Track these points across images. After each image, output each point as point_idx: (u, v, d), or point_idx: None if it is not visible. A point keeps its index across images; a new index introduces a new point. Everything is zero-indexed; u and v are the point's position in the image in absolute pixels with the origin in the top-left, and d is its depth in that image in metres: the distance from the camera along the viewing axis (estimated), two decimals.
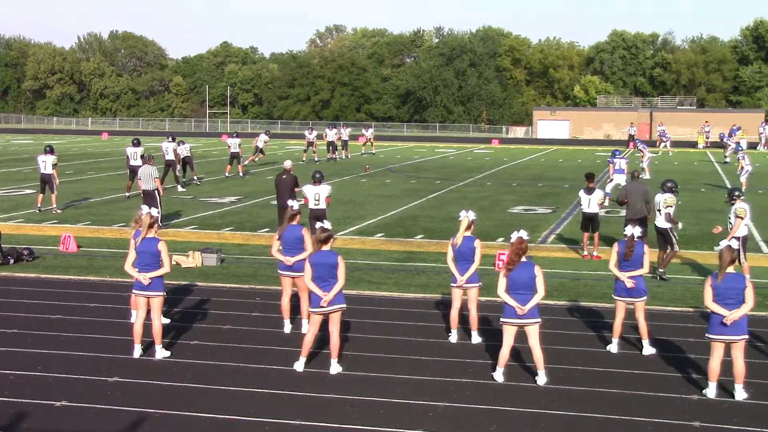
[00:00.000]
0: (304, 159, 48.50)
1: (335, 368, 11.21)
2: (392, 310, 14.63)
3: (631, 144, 67.77)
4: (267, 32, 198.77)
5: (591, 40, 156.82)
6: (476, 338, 12.72)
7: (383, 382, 10.86)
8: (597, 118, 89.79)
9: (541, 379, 10.82)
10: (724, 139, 56.51)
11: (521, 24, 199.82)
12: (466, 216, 12.61)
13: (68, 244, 19.78)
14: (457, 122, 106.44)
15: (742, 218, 16.65)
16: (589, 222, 19.62)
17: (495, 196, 31.99)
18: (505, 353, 10.92)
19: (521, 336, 10.95)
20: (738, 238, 15.78)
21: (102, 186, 34.22)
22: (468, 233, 12.54)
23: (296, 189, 20.87)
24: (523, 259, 10.84)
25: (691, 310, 14.75)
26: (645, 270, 12.10)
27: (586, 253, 19.71)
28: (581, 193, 19.89)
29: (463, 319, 12.93)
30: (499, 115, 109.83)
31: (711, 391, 10.42)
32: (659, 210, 17.89)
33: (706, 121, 72.69)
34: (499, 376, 10.94)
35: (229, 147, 38.69)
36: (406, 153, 59.23)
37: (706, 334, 10.45)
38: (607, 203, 20.84)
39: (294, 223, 13.08)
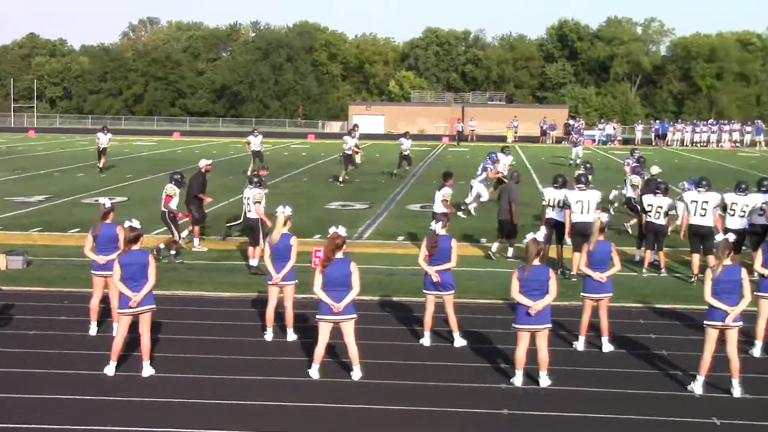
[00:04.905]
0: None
1: (147, 370, 11.08)
2: (206, 310, 14.54)
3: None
4: (77, 24, 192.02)
5: (406, 37, 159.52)
6: (270, 335, 12.77)
7: (194, 382, 10.80)
8: (411, 113, 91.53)
9: (357, 374, 11.01)
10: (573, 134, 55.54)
11: (338, 20, 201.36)
12: (282, 212, 12.64)
13: None
14: (273, 117, 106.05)
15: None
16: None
17: (312, 192, 32.05)
18: (320, 351, 11.05)
19: (337, 333, 11.06)
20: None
21: None
22: (285, 229, 12.57)
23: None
24: (340, 255, 10.94)
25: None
26: (452, 264, 12.38)
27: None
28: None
29: (279, 316, 12.95)
30: (315, 110, 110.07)
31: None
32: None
33: (515, 116, 75.54)
34: (314, 372, 11.04)
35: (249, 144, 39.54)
36: (221, 149, 58.41)
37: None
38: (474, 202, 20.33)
39: (108, 221, 12.82)
